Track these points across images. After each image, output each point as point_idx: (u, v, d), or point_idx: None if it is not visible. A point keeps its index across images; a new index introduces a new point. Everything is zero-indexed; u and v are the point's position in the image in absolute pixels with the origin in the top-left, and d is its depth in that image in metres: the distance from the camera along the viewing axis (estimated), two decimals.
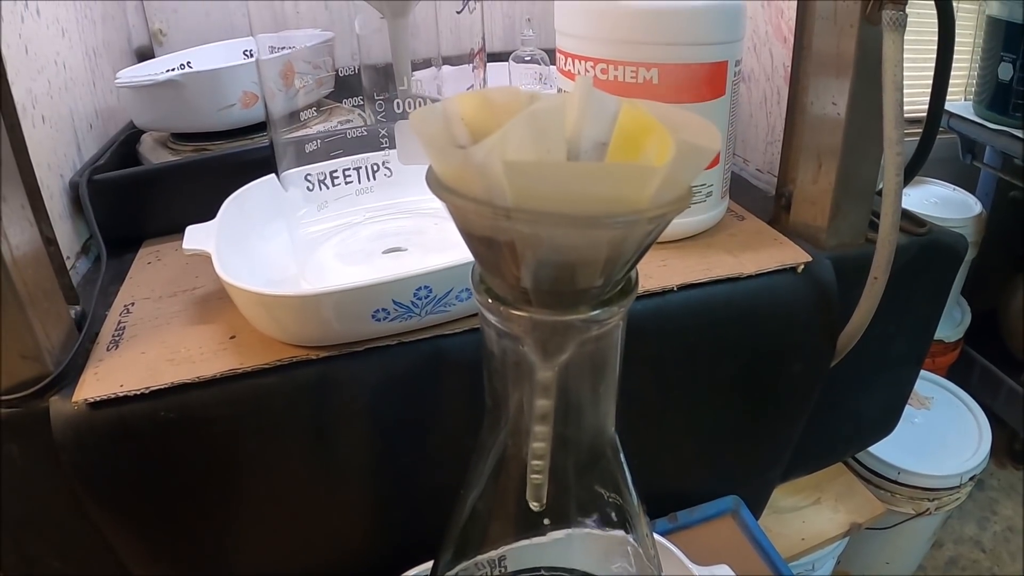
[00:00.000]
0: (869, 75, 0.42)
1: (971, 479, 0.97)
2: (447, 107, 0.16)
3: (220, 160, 0.51)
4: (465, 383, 0.40)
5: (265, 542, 0.43)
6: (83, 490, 0.35)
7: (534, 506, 0.22)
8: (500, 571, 0.29)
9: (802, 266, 0.46)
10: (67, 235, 0.48)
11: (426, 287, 0.35)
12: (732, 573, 0.43)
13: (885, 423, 0.71)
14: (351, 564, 0.45)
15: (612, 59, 0.44)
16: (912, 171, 0.48)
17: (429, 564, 0.40)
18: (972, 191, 1.32)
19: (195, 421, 0.35)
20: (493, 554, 0.28)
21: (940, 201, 1.30)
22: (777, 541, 0.91)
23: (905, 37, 0.39)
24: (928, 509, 1.00)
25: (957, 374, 1.32)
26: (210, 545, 0.41)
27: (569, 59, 0.47)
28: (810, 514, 0.91)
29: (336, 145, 0.49)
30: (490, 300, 0.16)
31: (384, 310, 0.35)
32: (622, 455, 0.21)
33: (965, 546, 1.17)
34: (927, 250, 0.51)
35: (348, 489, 0.42)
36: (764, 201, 0.58)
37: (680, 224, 0.49)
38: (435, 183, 0.15)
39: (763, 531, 0.54)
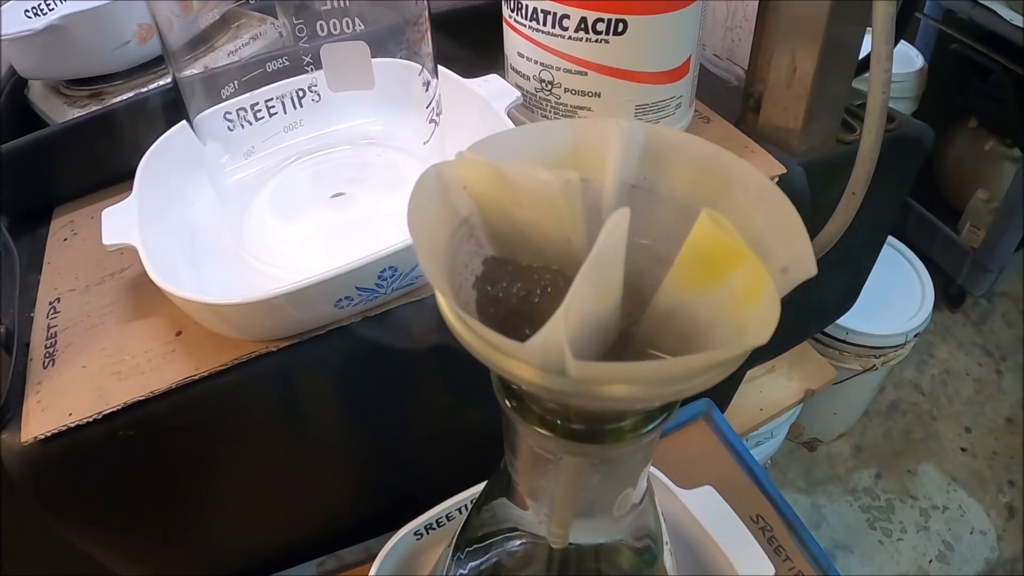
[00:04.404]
0: None
1: (915, 336, 1.01)
2: (443, 173, 0.12)
3: (125, 111, 0.44)
4: (435, 342, 0.38)
5: (251, 525, 0.41)
6: (52, 518, 0.33)
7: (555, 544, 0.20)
8: None
9: (776, 178, 0.44)
10: None
11: (391, 268, 0.32)
12: (716, 494, 0.44)
13: (845, 303, 0.73)
14: (338, 531, 0.44)
15: None
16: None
17: (429, 513, 0.40)
18: (911, 42, 1.30)
19: (157, 433, 0.33)
20: None
21: None
22: (737, 414, 0.95)
23: None
24: (875, 365, 1.05)
25: None
26: (195, 537, 0.40)
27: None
28: (766, 383, 0.94)
29: (256, 82, 0.43)
30: (522, 419, 0.14)
31: (347, 297, 0.32)
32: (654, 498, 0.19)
33: (905, 390, 1.26)
34: (895, 144, 0.50)
35: (327, 464, 0.41)
36: (726, 94, 0.55)
37: None
38: (474, 343, 0.11)
39: (735, 433, 0.56)
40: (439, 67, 0.43)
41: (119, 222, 0.34)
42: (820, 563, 0.44)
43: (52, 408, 0.31)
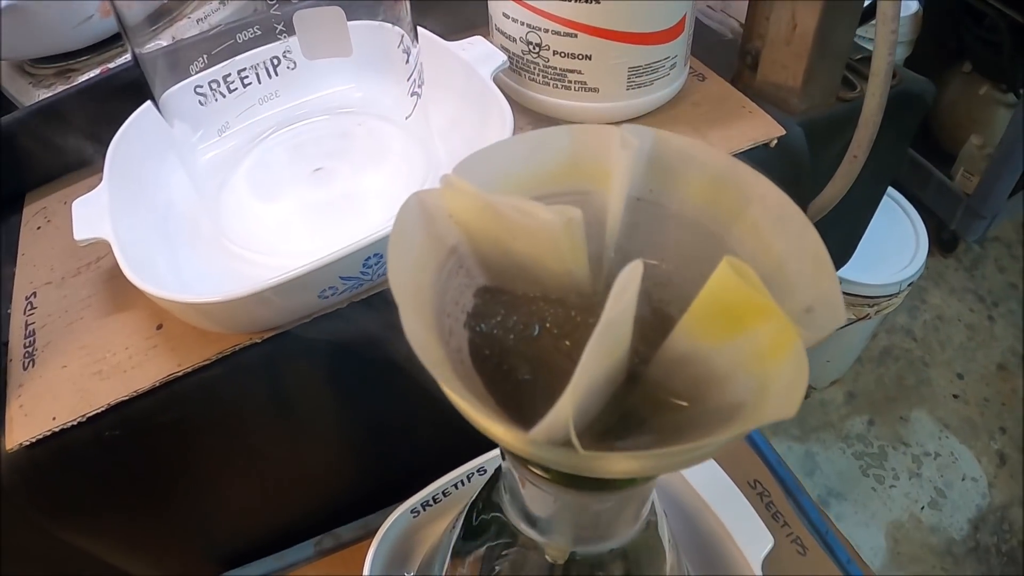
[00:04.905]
0: None
1: (909, 285, 1.01)
2: (425, 201, 0.11)
3: (93, 90, 0.42)
4: None
5: (245, 510, 0.41)
6: (45, 521, 0.32)
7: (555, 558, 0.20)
8: None
9: (775, 141, 0.43)
10: None
11: (376, 255, 0.31)
12: (715, 464, 0.44)
13: (842, 256, 0.72)
14: (334, 510, 0.44)
15: None
16: None
17: (425, 491, 0.40)
18: None
19: (144, 431, 0.32)
20: None
21: None
22: None
23: None
24: (868, 314, 1.05)
25: None
26: (191, 526, 0.39)
27: None
28: None
29: (226, 54, 0.41)
30: (517, 458, 0.13)
31: (331, 288, 0.31)
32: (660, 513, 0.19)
33: (897, 336, 1.26)
34: (896, 101, 0.48)
35: (319, 447, 0.40)
36: (721, 48, 0.53)
37: (641, 103, 0.44)
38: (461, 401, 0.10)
39: None
40: (419, 29, 0.41)
41: (90, 214, 0.32)
42: (818, 529, 0.44)
43: (35, 413, 0.30)
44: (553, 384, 0.11)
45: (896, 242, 1.06)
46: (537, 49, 0.42)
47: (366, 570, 0.35)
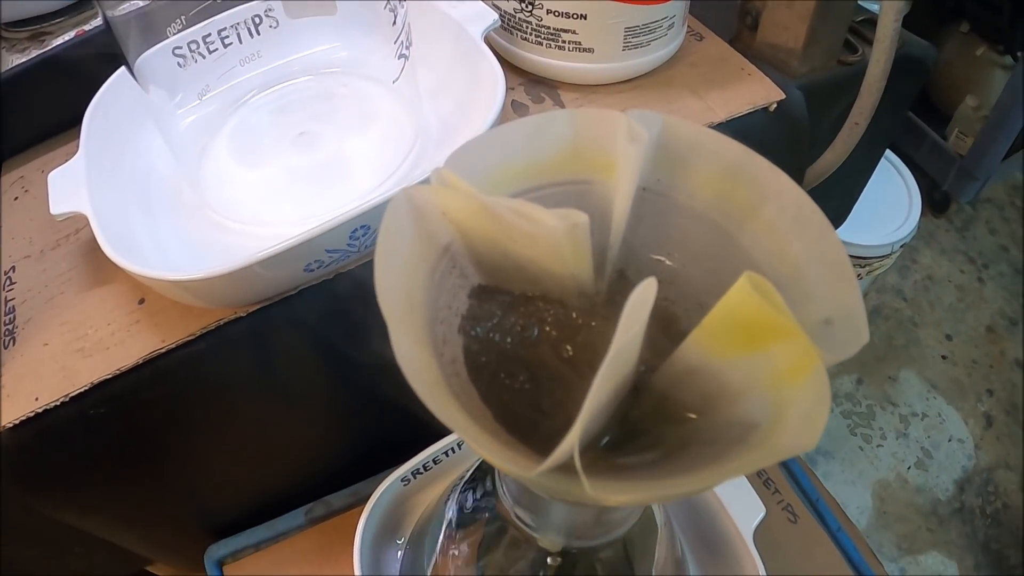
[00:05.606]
0: None
1: (901, 246, 1.01)
2: (415, 198, 0.10)
3: (69, 53, 0.40)
4: None
5: (235, 481, 0.41)
6: (34, 500, 0.32)
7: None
8: None
9: (774, 105, 0.42)
10: None
11: (363, 227, 0.30)
12: None
13: (836, 220, 0.71)
14: (325, 478, 0.44)
15: None
16: None
17: (415, 460, 0.39)
18: None
19: (128, 408, 0.31)
20: None
21: None
22: None
23: None
24: (860, 275, 1.05)
25: None
26: (181, 499, 0.39)
27: None
28: None
29: (205, 13, 0.39)
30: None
31: (318, 261, 0.30)
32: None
33: (888, 295, 1.26)
34: (897, 65, 0.47)
35: (308, 417, 0.40)
36: (720, 7, 0.51)
37: (637, 64, 0.42)
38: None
39: None
40: None
41: (66, 187, 0.31)
42: (809, 496, 0.45)
43: (17, 394, 0.29)
44: (553, 393, 0.11)
45: (889, 203, 1.05)
46: (530, 7, 0.40)
47: (358, 537, 0.35)
